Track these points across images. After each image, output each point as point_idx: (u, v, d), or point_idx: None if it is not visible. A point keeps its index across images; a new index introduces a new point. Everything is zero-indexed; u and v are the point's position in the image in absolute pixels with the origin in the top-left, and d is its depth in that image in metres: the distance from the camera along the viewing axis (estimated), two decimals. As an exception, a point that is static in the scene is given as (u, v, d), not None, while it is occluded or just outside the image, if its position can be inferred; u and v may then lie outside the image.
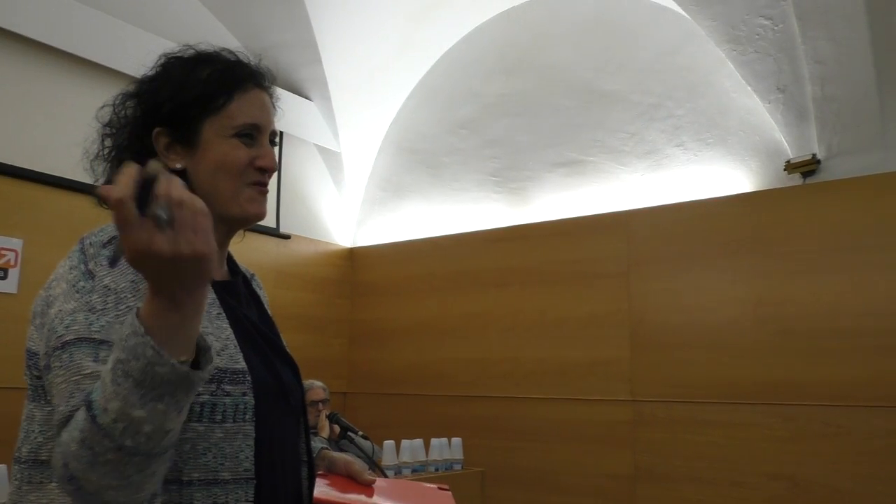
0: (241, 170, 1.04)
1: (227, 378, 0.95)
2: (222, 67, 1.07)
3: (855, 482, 3.06)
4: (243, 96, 1.06)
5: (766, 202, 3.48)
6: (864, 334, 3.12)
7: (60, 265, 0.99)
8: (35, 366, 0.95)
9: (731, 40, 3.49)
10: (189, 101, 1.03)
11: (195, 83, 1.04)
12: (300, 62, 4.57)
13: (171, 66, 1.08)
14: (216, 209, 1.02)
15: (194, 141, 1.03)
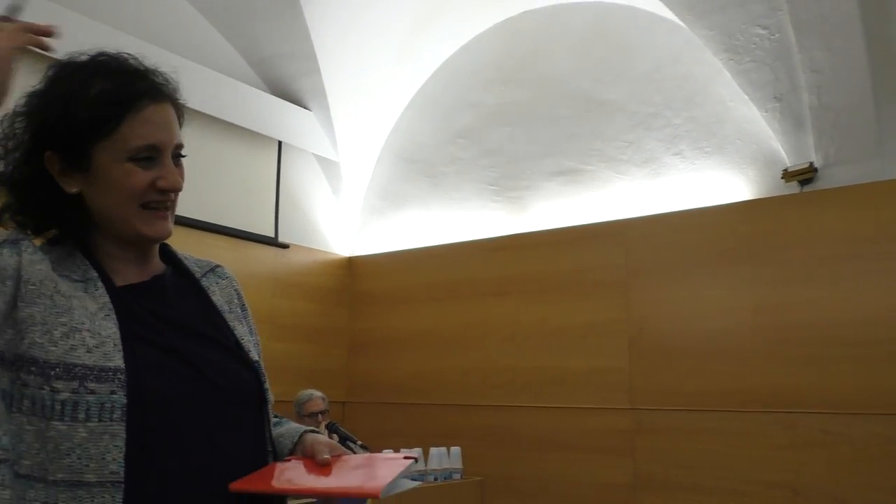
0: (139, 195, 0.98)
1: (93, 376, 0.89)
2: (113, 84, 0.98)
3: (854, 490, 3.05)
4: (136, 116, 0.97)
5: (763, 210, 3.49)
6: (863, 343, 3.12)
7: None
8: None
9: (729, 50, 3.51)
10: (76, 124, 0.95)
11: (83, 102, 0.96)
12: (299, 72, 4.59)
13: (60, 79, 1.00)
14: (113, 230, 1.00)
15: (87, 166, 0.97)
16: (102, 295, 0.96)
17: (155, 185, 0.99)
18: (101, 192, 0.98)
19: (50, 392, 0.88)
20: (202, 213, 4.15)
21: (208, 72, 4.18)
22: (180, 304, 1.08)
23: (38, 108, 0.99)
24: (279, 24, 4.33)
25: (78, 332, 0.90)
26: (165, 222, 1.03)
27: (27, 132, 0.98)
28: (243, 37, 4.49)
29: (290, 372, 4.52)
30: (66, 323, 0.91)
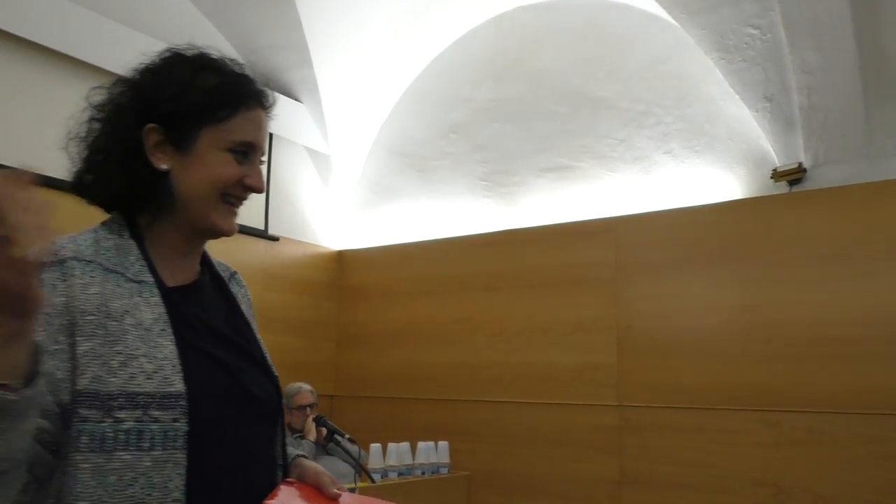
0: (226, 184, 1.03)
1: (156, 403, 0.90)
2: (230, 80, 1.06)
3: (839, 489, 3.08)
4: (246, 113, 1.06)
5: (752, 210, 3.51)
6: (850, 342, 3.15)
7: None
8: None
9: (720, 49, 3.52)
10: (191, 107, 1.01)
11: (200, 90, 1.02)
12: (291, 64, 4.57)
13: (174, 64, 1.05)
14: (188, 215, 1.03)
15: (188, 146, 1.01)
16: (158, 304, 0.96)
17: (242, 180, 1.04)
18: (193, 173, 1.01)
19: (113, 423, 0.88)
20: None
21: (199, 62, 4.16)
22: (216, 310, 1.10)
23: (149, 83, 1.03)
24: (271, 15, 4.31)
25: (135, 359, 0.90)
26: (235, 219, 1.07)
27: (132, 101, 1.02)
28: (234, 27, 4.47)
29: (279, 365, 4.49)
30: (122, 351, 0.90)
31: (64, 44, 3.53)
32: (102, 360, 0.89)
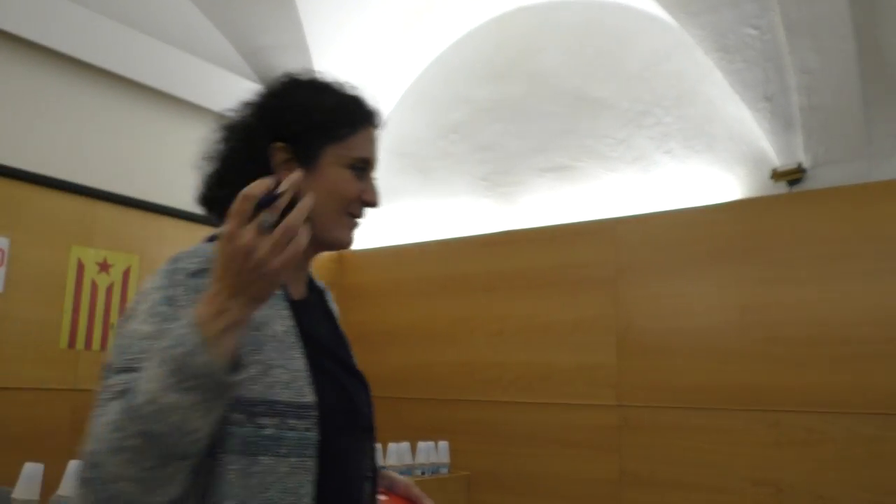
0: (348, 200, 1.11)
1: (292, 412, 0.96)
2: (347, 100, 1.14)
3: (838, 488, 3.08)
4: (364, 132, 1.13)
5: (752, 210, 3.51)
6: (849, 342, 3.15)
7: (147, 281, 1.02)
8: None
9: (720, 49, 3.53)
10: (315, 126, 1.09)
11: (322, 110, 1.10)
12: (291, 65, 4.56)
13: (295, 88, 1.14)
14: (314, 227, 1.06)
15: (312, 163, 1.09)
16: (288, 316, 1.04)
17: (361, 196, 1.13)
18: (317, 189, 1.06)
19: (255, 428, 0.93)
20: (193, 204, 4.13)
21: (199, 62, 4.17)
22: (324, 325, 1.20)
23: (274, 105, 1.13)
24: (271, 15, 4.32)
25: (273, 368, 0.96)
26: (354, 233, 1.17)
27: (258, 122, 1.11)
28: (235, 27, 4.47)
29: (279, 365, 4.52)
30: (261, 360, 0.96)
31: (64, 44, 3.53)
32: (261, 360, 0.96)
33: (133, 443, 0.79)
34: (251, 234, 0.81)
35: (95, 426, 0.83)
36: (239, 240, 0.81)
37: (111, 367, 0.91)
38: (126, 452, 0.79)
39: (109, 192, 3.76)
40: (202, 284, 0.91)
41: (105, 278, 3.69)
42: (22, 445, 3.20)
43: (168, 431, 0.80)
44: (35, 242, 3.44)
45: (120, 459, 0.80)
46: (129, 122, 3.91)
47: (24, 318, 3.36)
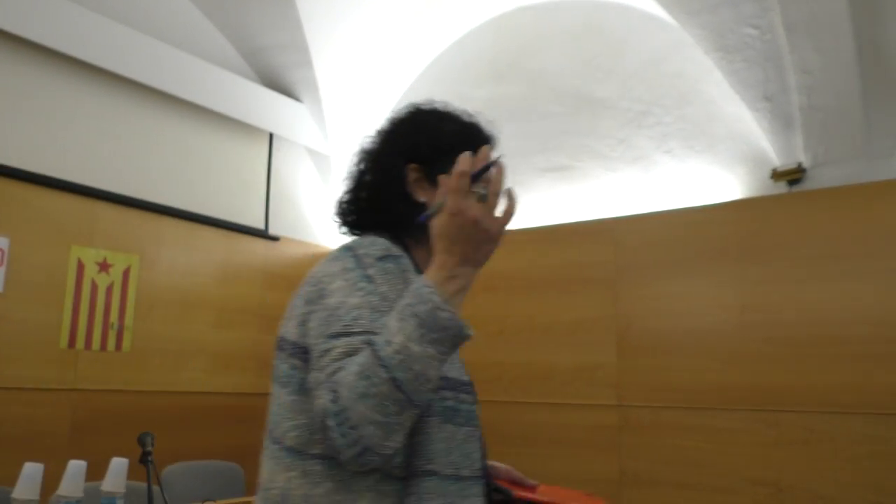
0: None
1: (462, 388, 1.12)
2: (467, 127, 1.30)
3: (837, 488, 3.08)
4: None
5: (752, 210, 3.51)
6: (848, 342, 3.15)
7: (327, 266, 1.13)
8: (295, 353, 1.10)
9: (720, 49, 3.53)
10: (443, 149, 1.21)
11: (447, 135, 1.25)
12: (291, 64, 4.57)
13: (422, 115, 1.32)
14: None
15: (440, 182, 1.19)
16: None
17: None
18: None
19: (440, 399, 1.07)
20: (193, 204, 4.14)
21: (199, 62, 4.17)
22: None
23: (406, 131, 1.29)
24: (271, 15, 4.32)
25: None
26: None
27: (392, 147, 1.27)
28: (235, 27, 4.47)
29: (279, 365, 4.52)
30: None
31: (64, 44, 3.53)
32: None
33: (380, 389, 0.91)
34: (476, 206, 0.95)
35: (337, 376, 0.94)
36: (468, 211, 0.95)
37: (323, 335, 1.02)
38: (374, 398, 0.91)
39: (109, 192, 3.76)
40: (389, 267, 1.08)
41: (105, 278, 3.69)
42: (22, 445, 3.20)
43: (411, 378, 0.92)
44: (35, 242, 3.44)
45: (368, 404, 0.91)
46: (129, 122, 3.92)
47: (24, 318, 3.37)
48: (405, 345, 0.92)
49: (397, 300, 1.02)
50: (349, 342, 0.98)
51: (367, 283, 1.06)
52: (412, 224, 1.13)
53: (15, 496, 2.07)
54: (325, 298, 1.07)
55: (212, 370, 4.18)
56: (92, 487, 2.26)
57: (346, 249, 1.13)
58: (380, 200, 1.23)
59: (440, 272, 0.97)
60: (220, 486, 3.30)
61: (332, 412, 0.92)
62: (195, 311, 4.12)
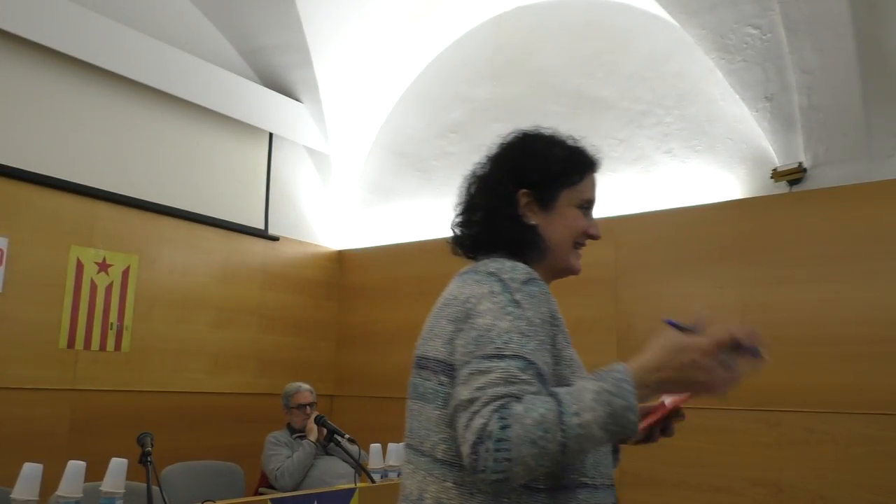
0: (580, 233, 1.32)
1: None
2: (575, 152, 1.35)
3: (837, 488, 3.08)
4: (589, 178, 1.34)
5: (752, 210, 3.51)
6: (849, 342, 3.15)
7: (471, 288, 1.19)
8: (443, 371, 1.18)
9: (720, 49, 3.52)
10: (553, 174, 1.30)
11: (556, 160, 1.32)
12: (291, 64, 4.57)
13: (531, 141, 1.37)
14: (551, 259, 1.32)
15: (550, 204, 1.30)
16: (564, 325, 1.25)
17: (587, 230, 1.33)
18: (556, 226, 1.30)
19: None
20: (192, 204, 4.14)
21: (199, 62, 4.16)
22: None
23: (517, 159, 1.35)
24: (271, 15, 4.31)
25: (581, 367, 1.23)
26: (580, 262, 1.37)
27: (502, 173, 1.34)
28: (235, 27, 4.47)
29: (279, 364, 4.52)
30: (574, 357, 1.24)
31: (64, 44, 3.53)
32: (577, 364, 1.22)
33: (549, 446, 0.98)
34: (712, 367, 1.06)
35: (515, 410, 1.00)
36: (709, 360, 1.06)
37: (474, 355, 1.08)
38: (539, 449, 0.98)
39: (109, 192, 3.75)
40: (533, 291, 1.16)
41: (104, 278, 3.69)
42: (21, 445, 3.20)
43: (577, 450, 1.00)
44: (34, 242, 3.44)
45: (531, 451, 0.98)
46: (129, 122, 3.91)
47: (24, 318, 3.36)
48: (590, 425, 0.99)
49: (541, 324, 1.14)
50: (506, 368, 1.05)
51: (514, 307, 1.12)
52: (527, 245, 1.28)
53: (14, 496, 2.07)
54: (474, 318, 1.13)
55: (211, 370, 4.17)
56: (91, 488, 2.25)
57: (489, 274, 1.19)
58: (495, 224, 1.31)
59: (643, 375, 1.06)
60: (219, 486, 3.30)
61: (495, 437, 0.98)
62: (195, 311, 4.12)
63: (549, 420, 0.98)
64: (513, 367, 1.05)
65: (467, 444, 1.01)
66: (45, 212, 3.49)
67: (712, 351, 1.06)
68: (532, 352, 1.09)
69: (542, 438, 0.98)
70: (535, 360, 1.08)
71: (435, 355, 1.21)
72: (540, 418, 0.98)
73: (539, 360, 1.09)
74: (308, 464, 3.43)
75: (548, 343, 1.15)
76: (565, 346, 1.21)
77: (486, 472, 0.99)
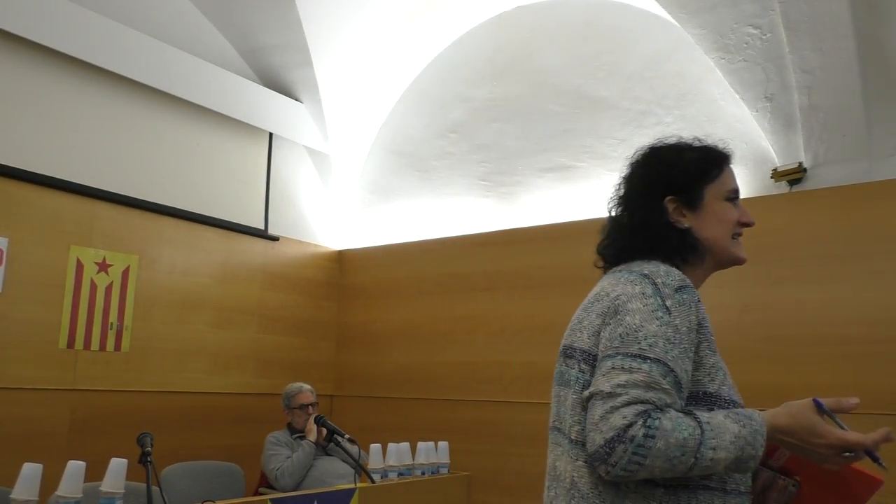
0: (734, 224, 1.39)
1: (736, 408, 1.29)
2: (705, 149, 1.41)
3: (838, 488, 3.08)
4: (727, 170, 1.40)
5: (752, 209, 3.43)
6: (849, 342, 3.14)
7: (623, 287, 1.24)
8: (586, 360, 1.24)
9: (720, 49, 3.52)
10: (693, 175, 1.36)
11: (693, 161, 1.38)
12: (291, 64, 4.57)
13: (659, 152, 1.43)
14: (714, 256, 1.39)
15: (698, 204, 1.36)
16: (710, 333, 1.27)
17: (740, 220, 1.41)
18: (709, 224, 1.36)
19: None
20: (192, 204, 4.13)
21: (199, 62, 4.16)
22: None
23: (654, 169, 1.40)
24: (271, 15, 4.31)
25: (726, 373, 1.29)
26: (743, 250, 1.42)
27: (644, 186, 1.38)
28: (235, 27, 4.47)
29: (279, 365, 4.52)
30: (717, 365, 1.27)
31: (64, 44, 3.53)
32: (720, 371, 1.26)
33: (676, 463, 1.08)
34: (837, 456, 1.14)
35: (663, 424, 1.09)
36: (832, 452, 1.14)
37: (618, 350, 1.16)
38: (668, 464, 1.08)
39: (109, 192, 3.75)
40: (684, 298, 1.21)
41: (104, 278, 3.69)
42: (21, 445, 3.20)
43: (699, 473, 1.12)
44: (34, 242, 3.44)
45: (662, 464, 1.08)
46: (128, 122, 3.91)
47: (24, 318, 3.36)
48: (718, 460, 1.10)
49: (687, 332, 1.19)
50: (649, 372, 1.13)
51: (664, 313, 1.18)
52: (687, 249, 1.33)
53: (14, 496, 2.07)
54: (622, 315, 1.20)
55: (211, 370, 4.17)
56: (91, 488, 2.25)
57: (643, 276, 1.24)
58: (649, 236, 1.34)
59: (773, 433, 1.17)
60: (219, 486, 3.30)
61: (637, 443, 1.08)
62: (195, 311, 4.12)
63: (689, 446, 1.09)
64: (655, 373, 1.13)
65: (601, 436, 1.11)
66: (44, 212, 3.49)
67: (838, 448, 1.13)
68: (674, 359, 1.15)
69: (677, 459, 1.09)
70: (675, 367, 1.15)
71: (580, 346, 1.27)
72: (682, 442, 1.09)
73: (679, 369, 1.16)
74: (308, 464, 3.43)
75: (691, 351, 1.20)
76: (709, 354, 1.25)
77: (616, 467, 1.10)
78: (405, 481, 3.17)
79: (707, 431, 1.10)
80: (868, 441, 1.12)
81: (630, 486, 1.17)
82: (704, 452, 1.09)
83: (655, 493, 1.17)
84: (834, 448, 1.13)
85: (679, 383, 1.15)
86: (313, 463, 3.46)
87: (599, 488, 1.19)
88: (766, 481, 1.39)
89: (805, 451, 1.16)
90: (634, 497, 1.17)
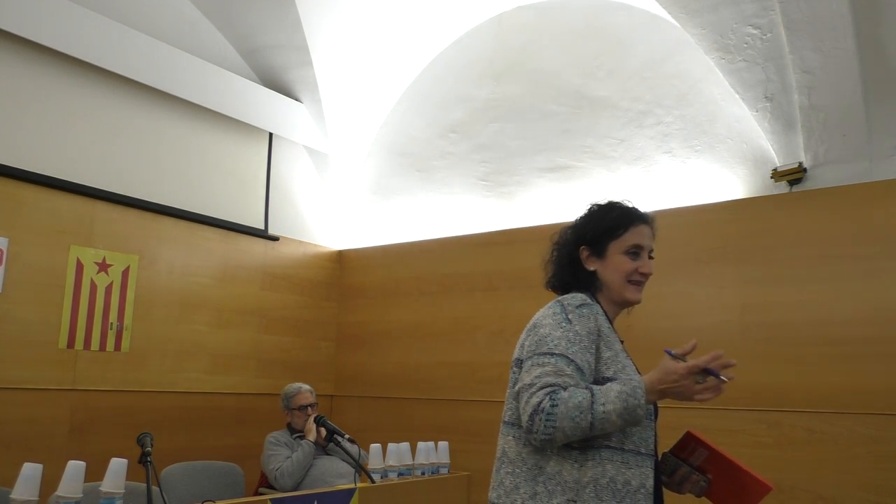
0: (629, 273, 1.73)
1: None
2: (622, 211, 1.78)
3: (837, 489, 3.08)
4: (634, 229, 1.75)
5: (752, 210, 3.51)
6: (849, 342, 3.15)
7: (544, 311, 1.72)
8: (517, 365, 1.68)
9: (720, 49, 3.52)
10: (603, 232, 1.75)
11: (606, 220, 1.76)
12: (291, 64, 4.57)
13: (592, 210, 1.82)
14: (611, 295, 1.75)
15: (603, 254, 1.75)
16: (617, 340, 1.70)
17: (637, 269, 1.74)
18: (608, 271, 1.75)
19: None
20: (192, 204, 4.14)
21: (199, 62, 4.16)
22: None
23: (582, 222, 1.81)
24: (271, 15, 4.31)
25: (624, 367, 1.64)
26: (640, 293, 1.77)
27: (570, 238, 1.81)
28: (235, 27, 4.47)
29: (278, 365, 4.52)
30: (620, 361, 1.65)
31: (63, 43, 3.53)
32: (617, 363, 1.63)
33: (580, 422, 1.46)
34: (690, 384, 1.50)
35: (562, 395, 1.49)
36: (687, 380, 1.49)
37: (534, 352, 1.59)
38: (573, 423, 1.46)
39: (109, 192, 3.75)
40: (584, 312, 1.64)
41: (104, 278, 3.69)
42: (21, 445, 3.20)
43: (600, 428, 1.48)
44: (34, 242, 3.44)
45: (569, 424, 1.46)
46: (128, 122, 3.91)
47: (24, 318, 3.36)
48: (610, 413, 1.46)
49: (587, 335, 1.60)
50: (555, 364, 1.54)
51: (566, 323, 1.61)
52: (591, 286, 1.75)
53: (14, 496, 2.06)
54: (538, 329, 1.65)
55: (211, 370, 4.17)
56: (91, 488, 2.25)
57: (556, 302, 1.70)
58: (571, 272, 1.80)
59: (650, 385, 1.50)
60: (219, 486, 3.30)
61: (546, 412, 1.48)
62: (194, 311, 4.12)
63: (583, 406, 1.46)
64: (560, 363, 1.54)
65: (526, 414, 1.52)
66: (44, 212, 3.49)
67: (685, 374, 1.48)
68: (574, 353, 1.56)
69: (578, 417, 1.46)
70: (575, 359, 1.55)
71: (517, 356, 1.69)
72: (578, 404, 1.47)
73: (580, 360, 1.56)
74: (308, 464, 3.43)
75: (592, 348, 1.60)
76: (604, 350, 1.62)
77: (538, 433, 1.50)
78: (405, 481, 3.17)
79: (596, 394, 1.48)
80: (700, 363, 1.48)
81: (553, 451, 1.55)
82: (597, 408, 1.46)
83: (571, 454, 1.54)
84: (686, 377, 1.48)
85: (581, 370, 1.55)
86: (313, 463, 3.46)
87: (523, 454, 1.62)
88: (684, 475, 1.81)
89: (676, 391, 1.50)
90: (557, 459, 1.55)
